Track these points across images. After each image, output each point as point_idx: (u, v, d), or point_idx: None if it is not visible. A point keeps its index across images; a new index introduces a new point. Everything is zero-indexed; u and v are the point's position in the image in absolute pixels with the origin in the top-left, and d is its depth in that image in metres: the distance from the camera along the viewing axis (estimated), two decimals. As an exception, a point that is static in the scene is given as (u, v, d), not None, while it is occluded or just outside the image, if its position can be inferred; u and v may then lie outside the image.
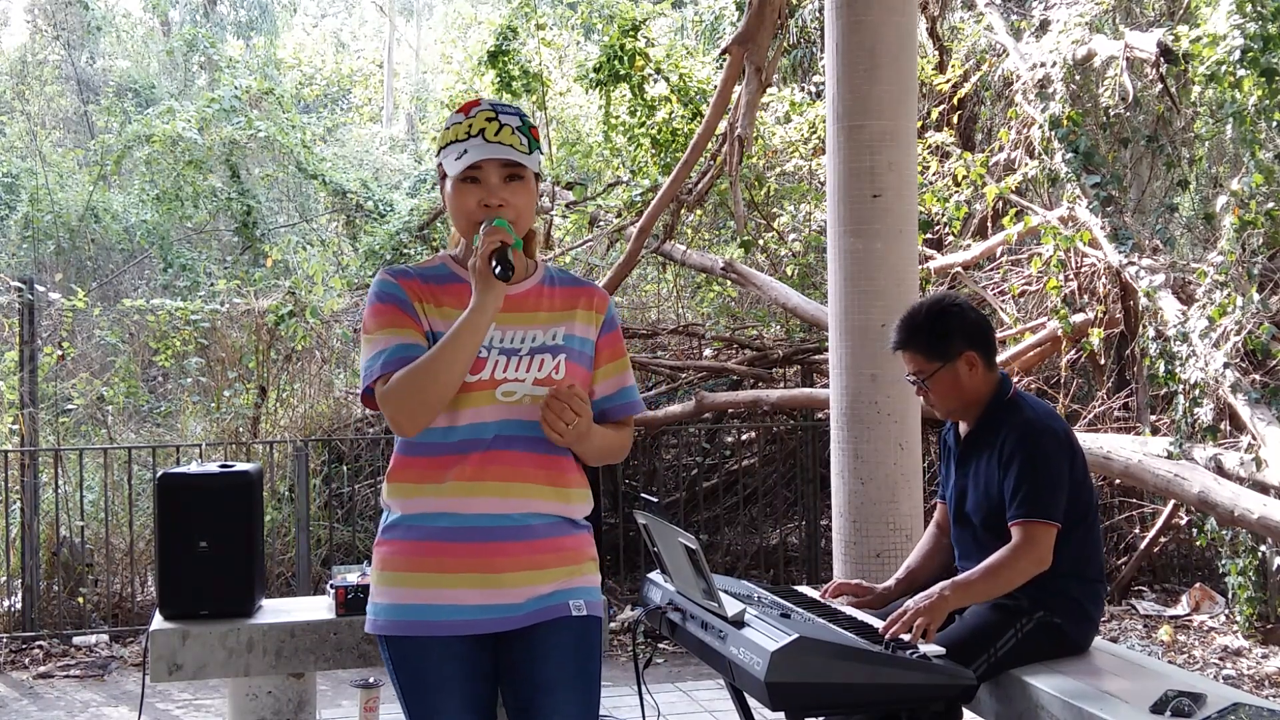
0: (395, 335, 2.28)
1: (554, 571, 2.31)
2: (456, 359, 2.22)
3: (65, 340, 8.52)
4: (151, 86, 17.64)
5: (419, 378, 2.21)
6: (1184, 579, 7.37)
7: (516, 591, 2.27)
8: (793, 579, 7.39)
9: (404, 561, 2.29)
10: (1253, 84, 5.92)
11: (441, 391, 2.22)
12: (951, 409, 3.25)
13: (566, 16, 12.67)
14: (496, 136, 2.27)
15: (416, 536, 2.28)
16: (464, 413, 2.27)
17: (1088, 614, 3.14)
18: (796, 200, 8.89)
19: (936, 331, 3.20)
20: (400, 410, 2.22)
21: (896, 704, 2.77)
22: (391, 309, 2.31)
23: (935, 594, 2.99)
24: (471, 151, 2.27)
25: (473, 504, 2.26)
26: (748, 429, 8.15)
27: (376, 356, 2.28)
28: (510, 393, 2.29)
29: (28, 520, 6.65)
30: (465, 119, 2.30)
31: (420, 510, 2.29)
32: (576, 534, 2.38)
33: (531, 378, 2.30)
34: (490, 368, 2.28)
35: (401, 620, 2.28)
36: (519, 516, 2.28)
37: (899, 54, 4.28)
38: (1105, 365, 7.63)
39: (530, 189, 2.34)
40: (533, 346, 2.33)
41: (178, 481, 3.49)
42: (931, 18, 9.02)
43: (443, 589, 2.26)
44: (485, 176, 2.29)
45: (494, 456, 2.27)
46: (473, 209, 2.29)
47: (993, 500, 3.13)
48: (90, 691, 5.75)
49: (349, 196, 12.57)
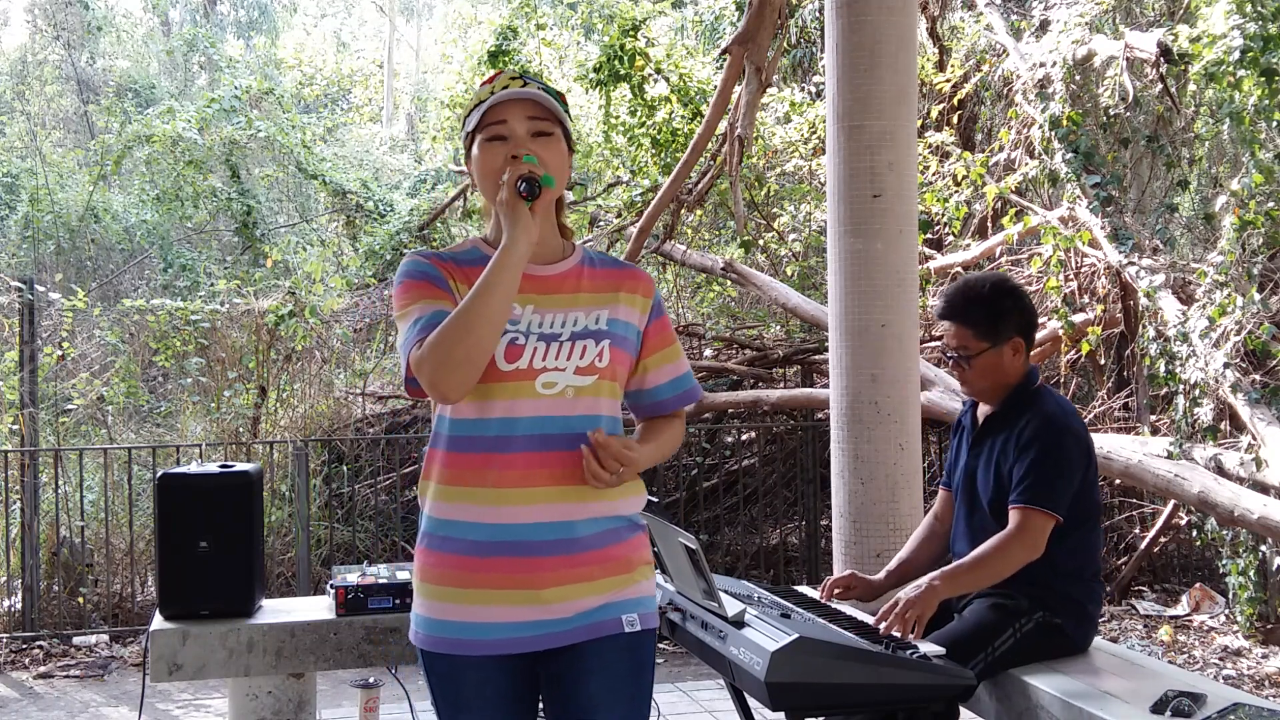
0: (430, 304, 2.12)
1: (603, 584, 2.14)
2: (490, 304, 2.03)
3: (65, 340, 8.52)
4: (151, 86, 17.65)
5: (451, 331, 2.01)
6: (1184, 579, 7.37)
7: (561, 607, 2.11)
8: (793, 579, 7.39)
9: (441, 575, 2.14)
10: (1252, 84, 5.92)
11: (477, 344, 2.02)
12: (982, 389, 3.23)
13: (566, 16, 12.68)
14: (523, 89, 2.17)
15: (453, 550, 2.13)
16: (499, 404, 2.10)
17: (1088, 614, 3.14)
18: (796, 200, 8.89)
19: (995, 312, 3.18)
20: (436, 369, 2.01)
21: (897, 704, 2.77)
22: (424, 283, 2.15)
23: (925, 584, 2.99)
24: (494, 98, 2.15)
25: (510, 513, 2.09)
26: (748, 429, 8.15)
27: (413, 326, 2.10)
28: (551, 384, 2.11)
29: (28, 520, 6.65)
30: (489, 86, 2.19)
31: (453, 517, 2.13)
32: (629, 538, 2.20)
33: (573, 366, 2.13)
34: (528, 355, 2.11)
35: (439, 637, 2.14)
36: (563, 525, 2.11)
37: (899, 54, 4.28)
38: (1105, 365, 7.63)
39: (561, 149, 2.20)
40: (574, 331, 2.16)
41: (178, 481, 3.49)
42: (931, 18, 9.02)
43: (482, 605, 2.10)
44: (512, 130, 2.15)
45: (533, 459, 2.10)
46: (500, 166, 2.14)
47: (1003, 482, 3.12)
48: (90, 691, 5.75)
49: (349, 196, 12.58)
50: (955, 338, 3.21)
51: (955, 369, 3.26)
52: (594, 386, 2.15)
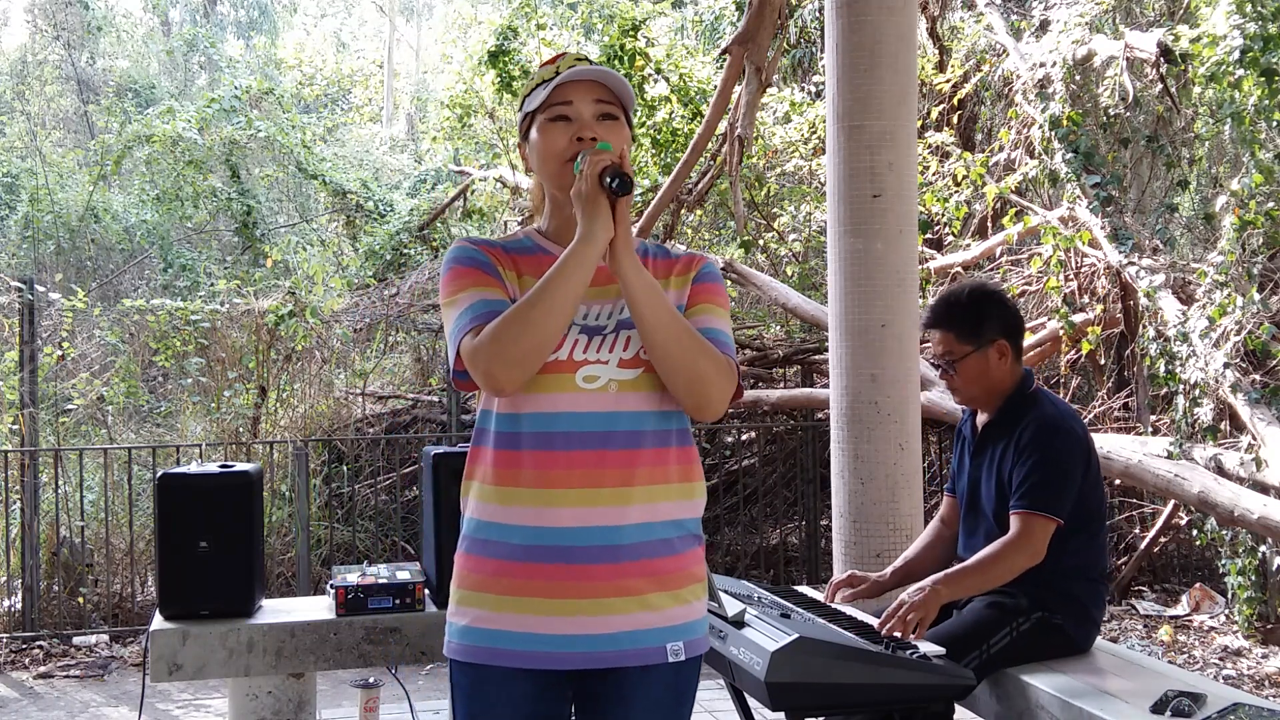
0: (481, 292, 1.99)
1: (650, 599, 1.97)
2: (557, 300, 1.89)
3: (65, 340, 8.52)
4: (151, 86, 17.67)
5: (513, 325, 1.89)
6: (1184, 579, 7.37)
7: (601, 621, 1.94)
8: (793, 579, 7.39)
9: (480, 580, 2.00)
10: (1252, 84, 5.92)
11: (539, 341, 1.89)
12: (973, 395, 3.25)
13: (566, 16, 12.68)
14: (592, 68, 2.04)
15: (493, 554, 1.99)
16: (537, 399, 1.96)
17: (1090, 615, 3.13)
18: (796, 200, 8.89)
19: (975, 315, 3.21)
20: (493, 362, 1.89)
21: (897, 704, 2.77)
22: (474, 270, 2.02)
23: (927, 587, 2.99)
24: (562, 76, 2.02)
25: (551, 515, 1.94)
26: (748, 429, 8.15)
27: (463, 314, 1.97)
28: (593, 378, 1.96)
29: (28, 520, 6.65)
30: (552, 66, 2.07)
31: (493, 519, 1.99)
32: (684, 551, 2.02)
33: (616, 359, 1.98)
34: (569, 347, 1.97)
35: (472, 646, 1.99)
36: (606, 530, 1.94)
37: (899, 54, 4.28)
38: (1105, 365, 7.63)
39: (626, 135, 2.05)
40: (620, 320, 2.01)
41: (178, 481, 3.49)
42: (931, 18, 9.03)
43: (518, 614, 1.96)
44: (577, 111, 2.02)
45: (575, 458, 1.95)
46: (564, 147, 2.01)
47: (1006, 490, 3.13)
48: (90, 691, 5.75)
49: (349, 196, 12.59)
50: (940, 344, 3.25)
51: (945, 377, 3.29)
52: (640, 380, 1.98)
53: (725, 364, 1.99)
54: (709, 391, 1.97)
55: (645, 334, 1.94)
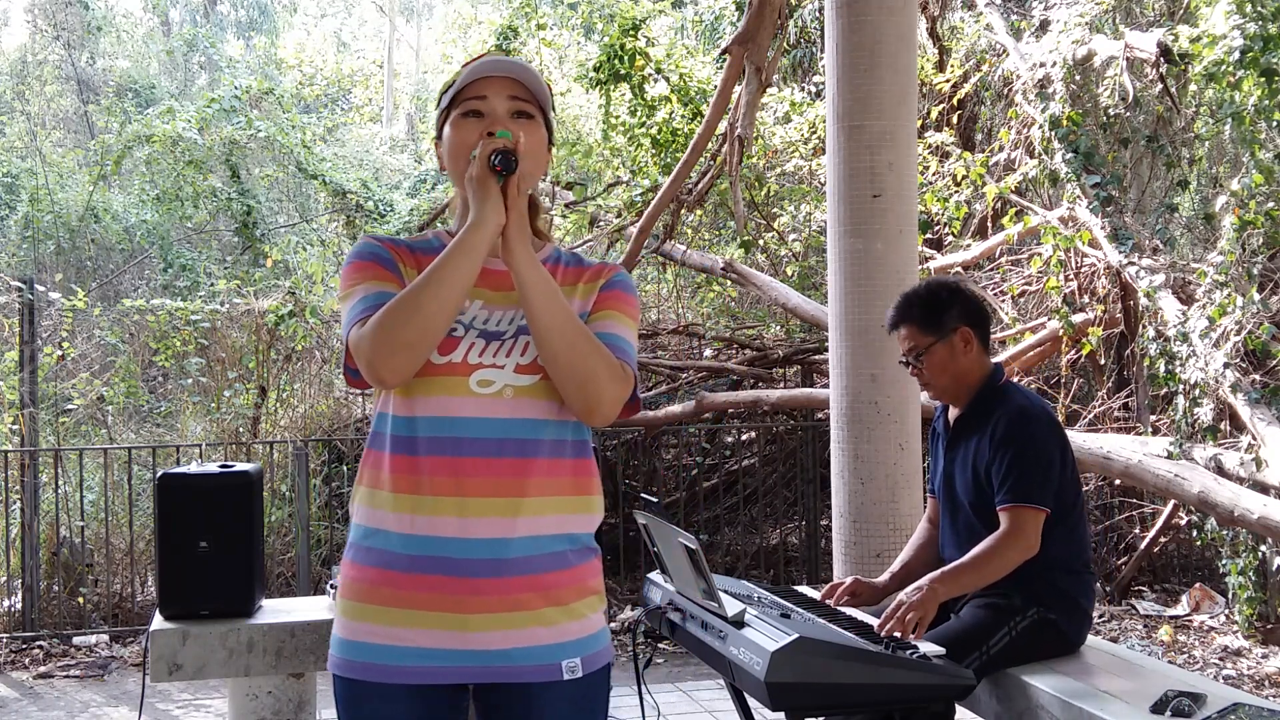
0: (376, 285, 1.93)
1: (543, 614, 1.89)
2: (444, 284, 1.83)
3: (65, 340, 8.52)
4: (151, 86, 17.67)
5: (399, 311, 1.82)
6: (1184, 579, 7.37)
7: (490, 637, 1.86)
8: (793, 579, 7.39)
9: (364, 590, 1.91)
10: (1252, 84, 5.92)
11: (426, 325, 1.82)
12: (944, 387, 3.25)
13: (567, 16, 12.68)
14: (506, 62, 1.99)
15: (376, 562, 1.90)
16: (428, 401, 1.88)
17: (1081, 607, 3.15)
18: (796, 200, 8.89)
19: (933, 305, 3.22)
20: (376, 349, 1.81)
21: (896, 704, 2.77)
22: (371, 264, 1.96)
23: (925, 586, 2.99)
24: (476, 70, 1.97)
25: (438, 524, 1.86)
26: (748, 429, 8.15)
27: (355, 307, 1.91)
28: (487, 382, 1.88)
29: (28, 520, 6.65)
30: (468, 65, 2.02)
31: (379, 526, 1.91)
32: (578, 564, 1.95)
33: (513, 364, 1.90)
34: (464, 349, 1.90)
35: (357, 661, 1.90)
36: (495, 543, 1.86)
37: (899, 54, 4.28)
38: (1105, 365, 7.62)
39: (541, 136, 1.99)
40: (520, 326, 1.93)
41: (178, 481, 3.49)
42: (931, 18, 9.02)
43: (402, 627, 1.87)
44: (490, 107, 1.95)
45: (465, 464, 1.86)
46: (474, 143, 1.93)
47: (982, 482, 3.14)
48: (90, 691, 5.75)
49: (349, 196, 12.58)
50: (905, 340, 3.26)
51: (915, 374, 3.30)
52: (536, 387, 1.90)
53: (619, 367, 1.91)
54: (600, 392, 1.88)
55: (536, 330, 1.87)
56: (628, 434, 7.71)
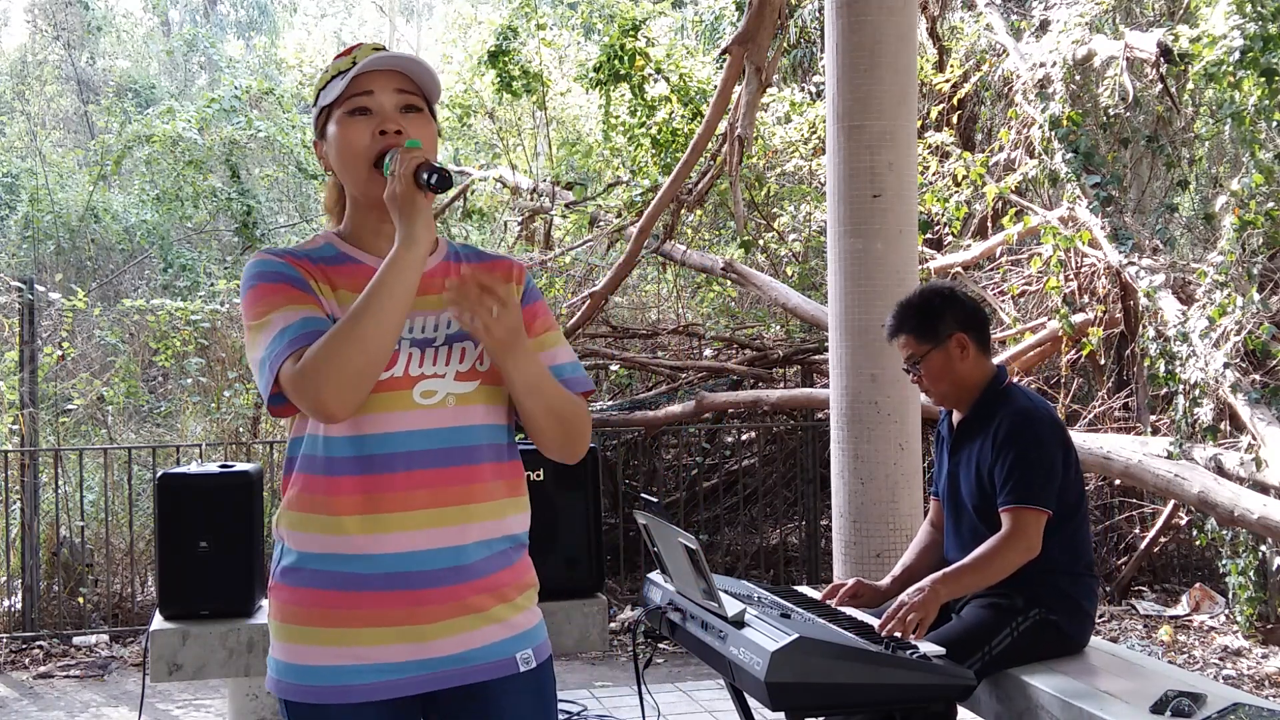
0: (297, 310, 1.83)
1: (493, 613, 1.90)
2: (387, 310, 1.77)
3: (65, 340, 8.52)
4: (151, 86, 17.66)
5: (340, 344, 1.75)
6: (1184, 579, 7.37)
7: (448, 643, 1.87)
8: (793, 579, 7.39)
9: (307, 614, 1.86)
10: (1252, 84, 5.92)
11: (371, 356, 1.77)
12: (944, 393, 3.26)
13: (567, 16, 12.68)
14: (391, 56, 1.91)
15: (322, 585, 1.85)
16: (375, 418, 1.83)
17: (1083, 609, 3.15)
18: (796, 200, 8.89)
19: (927, 313, 3.24)
20: (324, 388, 1.74)
21: (897, 704, 2.78)
22: (283, 286, 1.85)
23: (926, 587, 3.00)
24: (360, 66, 1.88)
25: (392, 541, 1.83)
26: (748, 429, 8.15)
27: (279, 337, 1.80)
28: (430, 393, 1.86)
29: (28, 520, 6.65)
30: (349, 56, 1.92)
31: (324, 550, 1.86)
32: (516, 560, 1.96)
33: (453, 371, 1.88)
34: (404, 362, 1.85)
35: (305, 685, 1.86)
36: (450, 551, 1.85)
37: (899, 54, 4.28)
38: (1105, 365, 7.62)
39: (433, 130, 1.94)
40: (449, 334, 1.90)
41: (178, 481, 3.49)
42: (931, 18, 9.02)
43: (358, 646, 1.84)
44: (378, 103, 1.89)
45: (414, 478, 1.84)
46: (366, 143, 1.87)
47: (985, 485, 3.14)
48: (90, 691, 5.75)
49: (349, 197, 12.55)
50: (904, 348, 3.28)
51: (915, 381, 3.32)
52: (476, 394, 1.90)
53: (584, 410, 1.98)
54: (584, 440, 1.98)
55: (530, 420, 1.91)
56: (628, 434, 7.71)
